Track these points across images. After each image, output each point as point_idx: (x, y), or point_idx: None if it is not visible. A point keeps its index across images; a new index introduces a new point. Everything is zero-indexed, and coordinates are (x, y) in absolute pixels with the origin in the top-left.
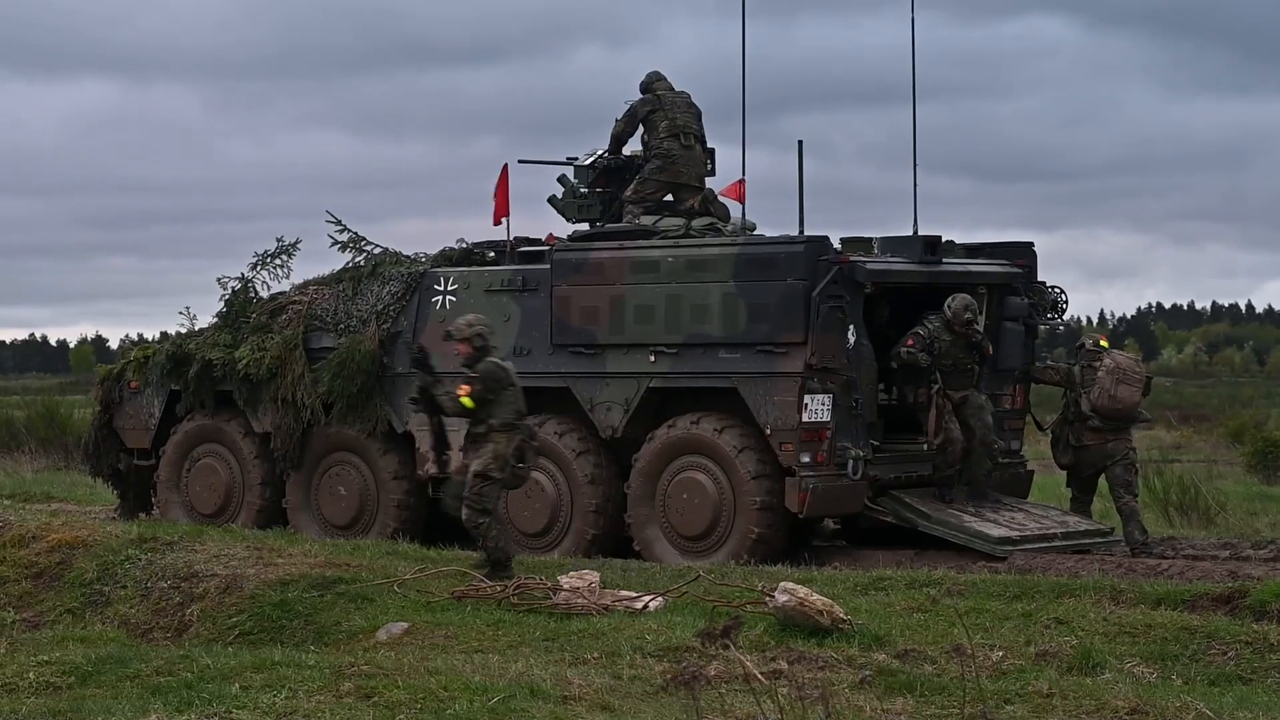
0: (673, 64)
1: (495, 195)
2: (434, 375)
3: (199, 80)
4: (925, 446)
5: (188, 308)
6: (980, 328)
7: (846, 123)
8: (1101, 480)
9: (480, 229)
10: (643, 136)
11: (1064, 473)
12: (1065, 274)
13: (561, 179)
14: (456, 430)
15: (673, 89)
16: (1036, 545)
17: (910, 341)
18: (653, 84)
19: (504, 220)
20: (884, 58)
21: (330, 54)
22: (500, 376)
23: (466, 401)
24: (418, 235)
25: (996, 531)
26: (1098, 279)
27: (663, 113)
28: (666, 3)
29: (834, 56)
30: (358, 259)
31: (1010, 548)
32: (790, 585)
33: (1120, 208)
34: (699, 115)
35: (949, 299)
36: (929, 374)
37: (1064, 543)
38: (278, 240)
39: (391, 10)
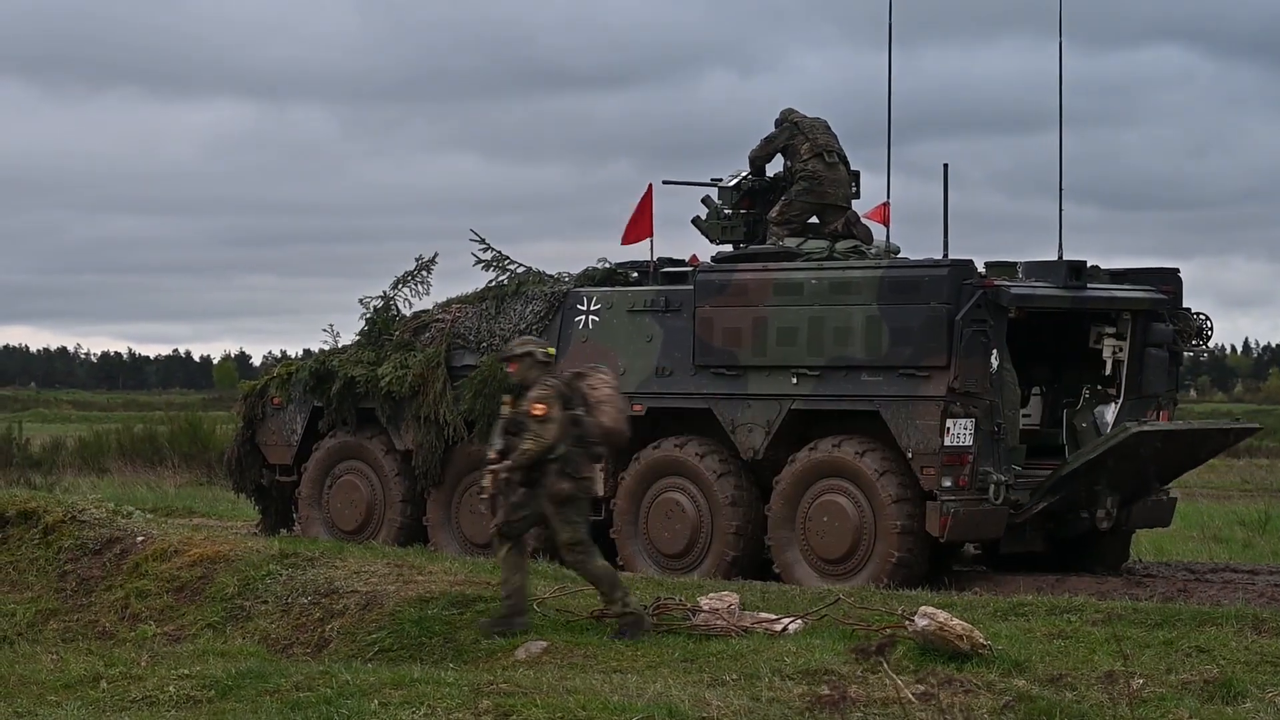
0: (801, 91)
1: (636, 214)
2: None
3: (335, 102)
4: None
5: (331, 325)
6: None
7: (974, 150)
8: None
9: (617, 251)
10: (785, 164)
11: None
12: (1200, 301)
13: (705, 200)
14: None
15: (805, 117)
16: None
17: None
18: (788, 116)
19: (645, 240)
20: (1007, 86)
21: (464, 78)
22: None
23: None
24: (553, 256)
25: None
26: (1233, 307)
27: (802, 136)
28: (793, 31)
29: (958, 84)
30: (501, 278)
31: None
32: (930, 609)
33: (1251, 236)
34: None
35: None
36: None
37: None
38: (416, 259)
39: (524, 37)
